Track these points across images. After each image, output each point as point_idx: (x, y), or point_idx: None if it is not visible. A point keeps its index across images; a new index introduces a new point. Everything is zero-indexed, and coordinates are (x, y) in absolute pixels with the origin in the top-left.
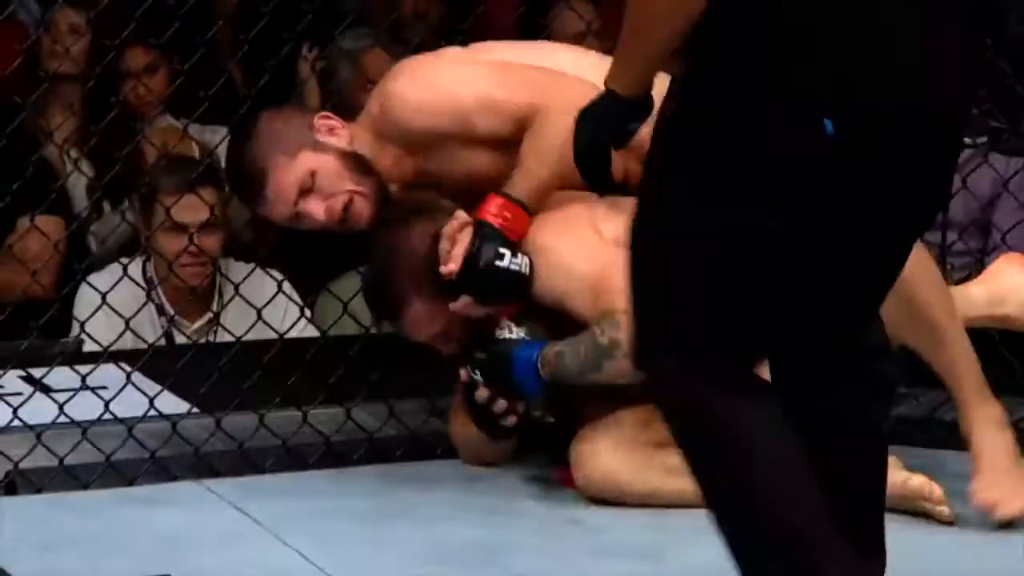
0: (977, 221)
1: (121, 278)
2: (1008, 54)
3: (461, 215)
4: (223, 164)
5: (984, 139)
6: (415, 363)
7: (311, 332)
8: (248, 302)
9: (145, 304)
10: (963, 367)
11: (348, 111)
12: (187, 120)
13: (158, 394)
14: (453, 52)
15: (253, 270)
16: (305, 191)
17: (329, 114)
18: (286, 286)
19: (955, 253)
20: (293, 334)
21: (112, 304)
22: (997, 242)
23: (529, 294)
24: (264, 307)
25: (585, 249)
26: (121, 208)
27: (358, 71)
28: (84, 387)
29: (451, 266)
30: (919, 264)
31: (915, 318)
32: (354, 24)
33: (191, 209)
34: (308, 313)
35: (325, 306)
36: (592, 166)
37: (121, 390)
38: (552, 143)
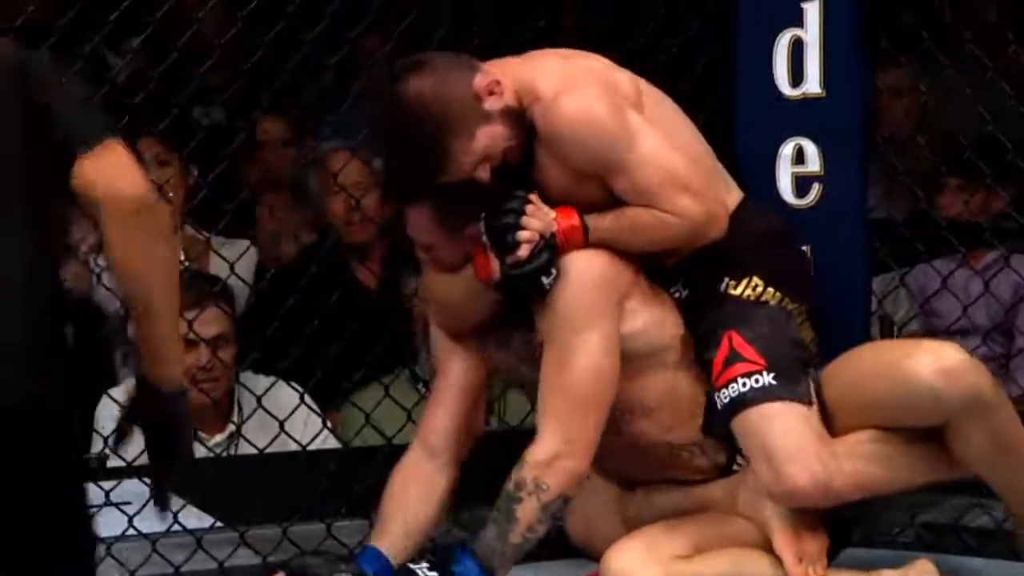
0: (1000, 326)
1: None
2: None
3: (544, 206)
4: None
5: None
6: None
7: (331, 443)
8: (270, 414)
9: None
10: None
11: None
12: (208, 234)
13: (181, 508)
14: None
15: (274, 383)
16: (479, 164)
17: (487, 72)
18: (306, 397)
19: (980, 359)
20: (314, 446)
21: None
22: (1021, 346)
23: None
24: (285, 420)
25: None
26: None
27: (325, 172)
28: (108, 503)
29: (523, 252)
30: (1004, 401)
31: (1007, 455)
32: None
33: (202, 323)
34: (329, 424)
35: (348, 417)
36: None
37: (145, 505)
38: (654, 237)
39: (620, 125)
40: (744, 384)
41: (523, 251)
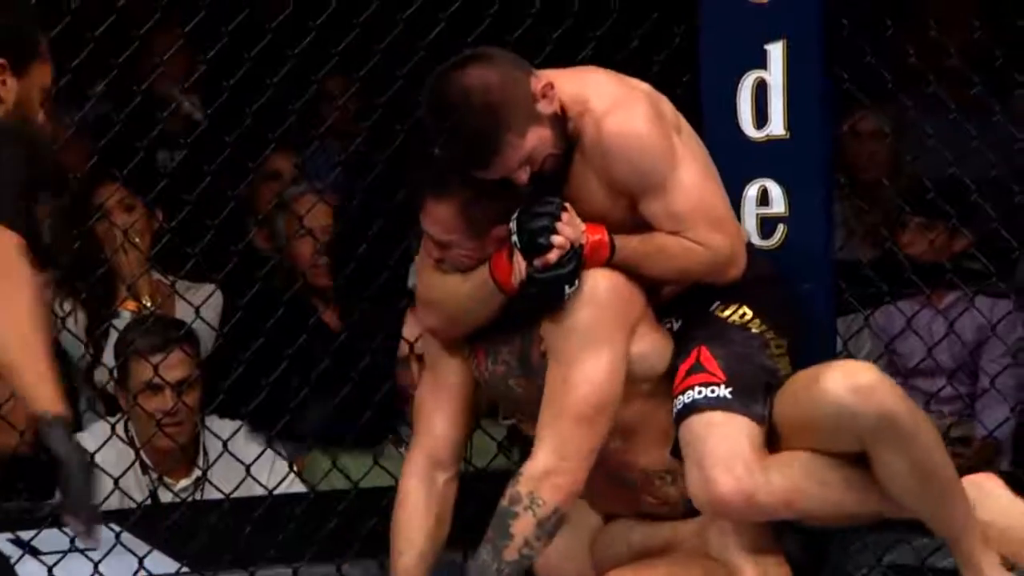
0: (966, 366)
1: (109, 438)
2: (991, 196)
3: (577, 217)
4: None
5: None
6: None
7: (298, 487)
8: (236, 458)
9: (132, 464)
10: (971, 520)
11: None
12: (174, 277)
13: (147, 554)
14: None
15: (239, 428)
16: (523, 165)
17: (542, 78)
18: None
19: (944, 399)
20: (280, 490)
21: (98, 464)
22: (985, 386)
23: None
24: (251, 464)
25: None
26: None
27: (291, 215)
28: (73, 549)
29: (552, 256)
30: (925, 427)
31: (929, 483)
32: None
33: (167, 368)
34: (295, 468)
35: (314, 462)
36: None
37: (110, 551)
38: (678, 266)
39: (666, 146)
40: (699, 392)
41: (553, 255)
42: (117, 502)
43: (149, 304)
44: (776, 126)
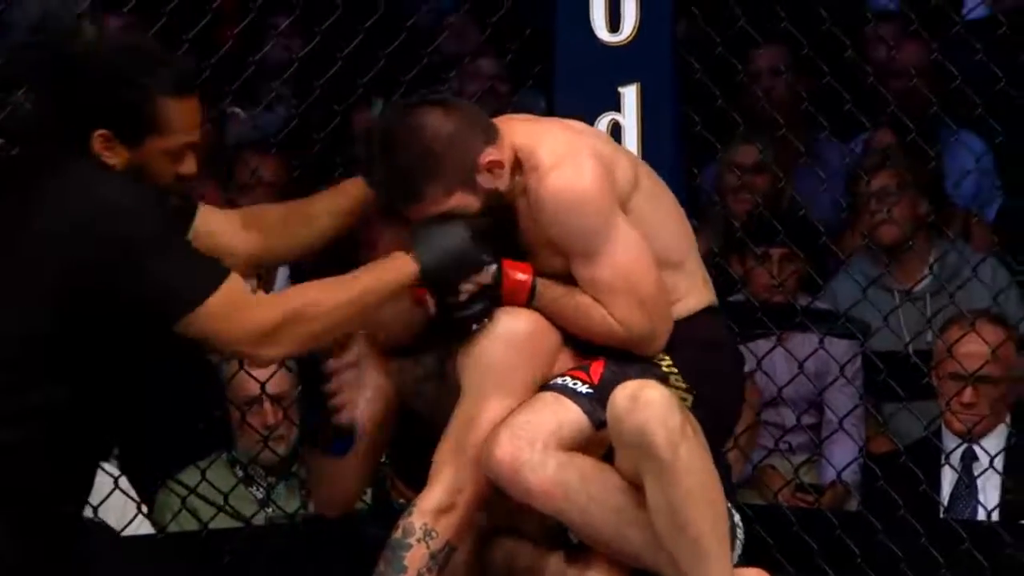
0: (808, 397)
1: None
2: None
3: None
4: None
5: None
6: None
7: (146, 528)
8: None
9: None
10: None
11: None
12: None
13: None
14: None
15: None
16: None
17: (500, 147)
18: (123, 482)
19: (793, 431)
20: (128, 531)
21: None
22: (830, 419)
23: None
24: (100, 504)
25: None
26: None
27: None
28: None
29: (461, 299)
30: (692, 474)
31: (683, 533)
32: None
33: None
34: (144, 509)
35: (164, 502)
36: None
37: None
38: (591, 331)
39: (603, 212)
40: (563, 380)
41: (461, 298)
42: None
43: None
44: None
